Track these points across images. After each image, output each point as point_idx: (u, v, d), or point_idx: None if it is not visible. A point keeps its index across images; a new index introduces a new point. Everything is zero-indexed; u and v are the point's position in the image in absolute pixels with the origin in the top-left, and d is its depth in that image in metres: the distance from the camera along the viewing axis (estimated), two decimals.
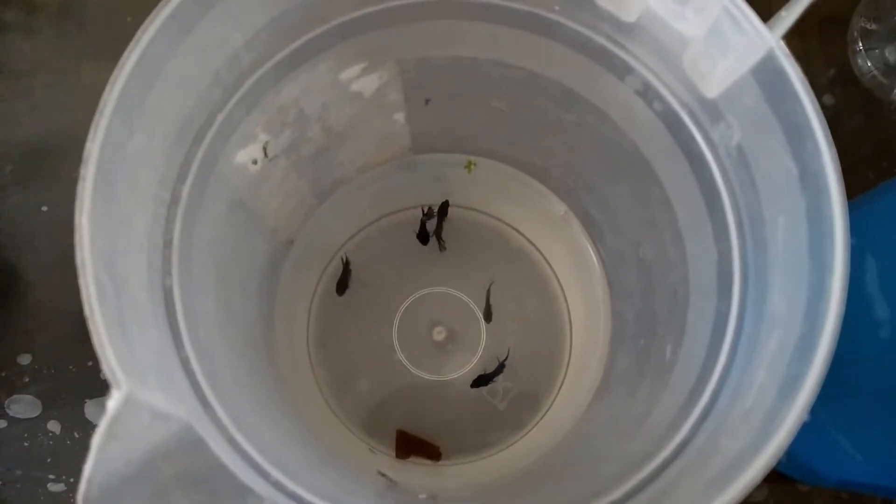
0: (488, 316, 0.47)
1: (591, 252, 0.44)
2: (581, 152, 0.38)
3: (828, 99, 0.59)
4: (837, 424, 0.37)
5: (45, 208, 0.51)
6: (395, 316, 0.47)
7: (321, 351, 0.46)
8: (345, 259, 0.47)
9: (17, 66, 0.52)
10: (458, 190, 0.47)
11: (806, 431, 0.41)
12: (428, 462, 0.44)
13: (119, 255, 0.23)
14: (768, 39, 0.25)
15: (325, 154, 0.38)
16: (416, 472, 0.43)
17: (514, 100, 0.38)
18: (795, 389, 0.20)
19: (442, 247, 0.48)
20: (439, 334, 0.47)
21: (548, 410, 0.46)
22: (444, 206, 0.47)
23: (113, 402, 0.20)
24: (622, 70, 0.31)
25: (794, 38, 0.63)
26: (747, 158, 0.27)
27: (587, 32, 0.31)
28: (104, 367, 0.21)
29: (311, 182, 0.40)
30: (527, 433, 0.46)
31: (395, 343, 0.47)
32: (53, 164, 0.52)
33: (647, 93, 0.31)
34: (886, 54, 0.59)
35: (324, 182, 0.41)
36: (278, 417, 0.34)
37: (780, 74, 0.24)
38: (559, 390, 0.46)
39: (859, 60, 0.59)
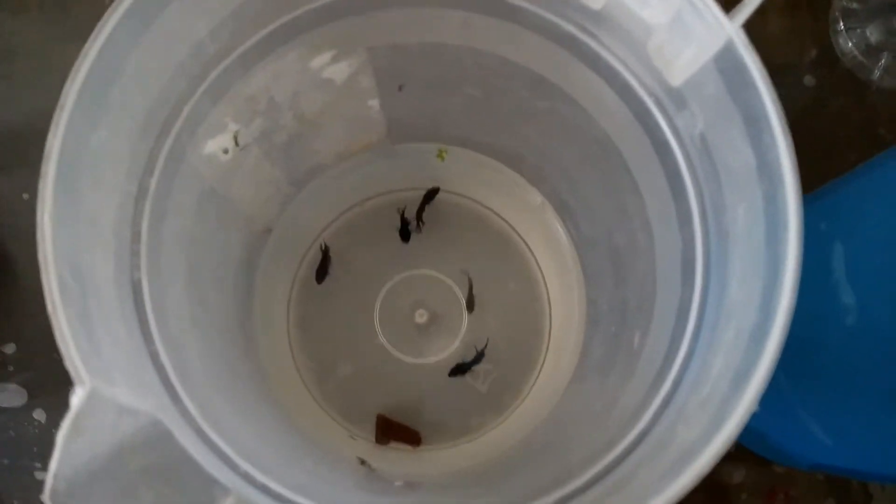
0: (471, 306, 0.47)
1: (566, 239, 0.44)
2: (554, 140, 0.38)
3: (809, 80, 0.59)
4: (808, 408, 0.38)
5: (26, 196, 0.51)
6: (376, 300, 0.48)
7: (302, 338, 0.47)
8: (323, 246, 0.47)
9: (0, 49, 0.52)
10: (437, 176, 0.47)
11: (778, 415, 0.42)
12: (408, 447, 0.45)
13: (84, 251, 0.23)
14: (728, 28, 0.25)
15: (299, 142, 0.38)
16: (397, 458, 0.44)
17: (487, 86, 0.38)
18: (746, 379, 0.21)
19: (419, 227, 0.48)
20: (421, 317, 0.47)
21: (527, 395, 0.46)
22: (432, 192, 0.47)
23: (76, 398, 0.21)
24: (591, 57, 0.31)
25: (776, 18, 0.63)
26: (710, 147, 0.28)
27: (555, 19, 0.31)
28: (67, 364, 0.21)
29: (285, 170, 0.40)
30: (507, 417, 0.46)
31: (377, 327, 0.48)
32: (35, 151, 0.51)
33: (614, 80, 0.31)
34: (868, 34, 0.59)
35: (299, 170, 0.41)
36: (255, 408, 0.34)
37: (740, 64, 0.25)
38: (538, 374, 0.46)
39: (840, 40, 0.59)
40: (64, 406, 0.48)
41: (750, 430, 0.47)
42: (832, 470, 0.44)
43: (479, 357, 0.46)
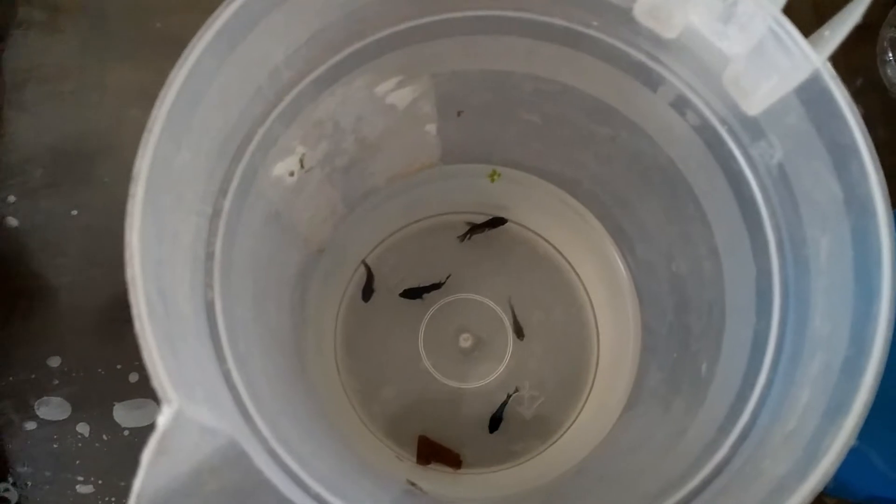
0: (520, 333, 0.47)
1: (621, 264, 0.44)
2: (613, 166, 0.38)
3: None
4: (870, 440, 0.37)
5: (74, 212, 0.51)
6: (421, 323, 0.48)
7: (348, 358, 0.47)
8: (367, 265, 0.47)
9: (42, 69, 0.53)
10: (488, 199, 0.47)
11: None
12: (449, 469, 0.44)
13: (166, 270, 0.23)
14: (814, 60, 0.25)
15: (358, 165, 0.39)
16: (438, 480, 0.43)
17: (546, 113, 0.38)
18: (842, 413, 0.20)
19: (466, 238, 0.48)
20: (465, 341, 0.47)
21: (574, 421, 0.46)
22: (497, 221, 0.47)
23: (163, 417, 0.20)
24: (658, 84, 0.31)
25: None
26: (789, 178, 0.27)
27: (625, 48, 0.31)
28: (154, 382, 0.21)
29: (343, 192, 0.40)
30: (552, 444, 0.46)
31: (421, 350, 0.47)
32: (82, 168, 0.52)
33: (684, 107, 0.31)
34: None
35: (355, 192, 0.41)
36: (312, 428, 0.34)
37: (826, 95, 0.24)
38: (586, 401, 0.46)
39: (889, 70, 0.58)
40: (108, 420, 0.49)
41: None
42: (890, 503, 0.43)
43: (506, 401, 0.46)
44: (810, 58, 0.24)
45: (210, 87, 0.25)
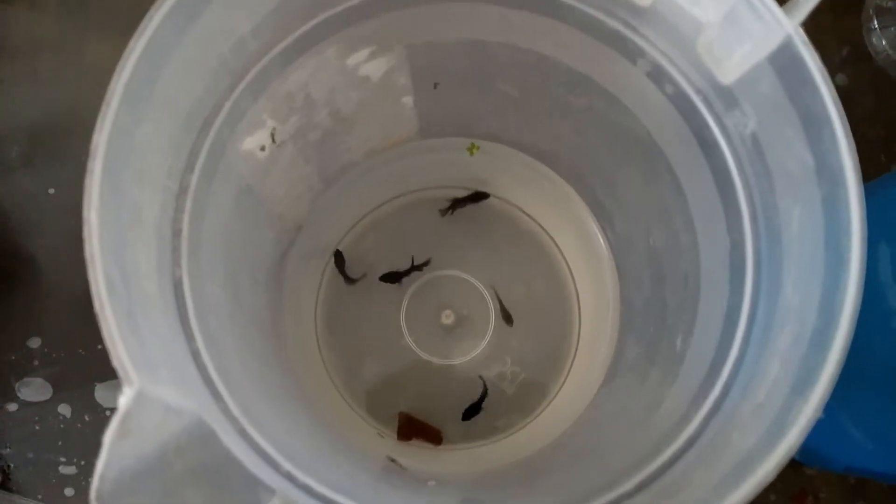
0: (508, 319, 0.47)
1: (600, 237, 0.43)
2: (591, 138, 0.38)
3: (840, 79, 0.58)
4: (847, 412, 0.37)
5: (52, 190, 0.51)
6: (402, 300, 0.47)
7: (329, 335, 0.46)
8: (338, 253, 0.46)
9: (21, 45, 0.52)
10: (467, 173, 0.46)
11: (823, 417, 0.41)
12: (430, 446, 0.44)
13: (128, 248, 0.23)
14: (786, 26, 0.24)
15: (333, 139, 0.38)
16: (419, 456, 0.43)
17: (523, 83, 0.37)
18: (810, 385, 0.20)
19: (448, 212, 0.47)
20: (448, 318, 0.47)
21: (556, 396, 0.46)
22: (479, 196, 0.47)
23: (124, 398, 0.20)
24: (635, 53, 0.31)
25: (808, 16, 0.62)
26: (762, 147, 0.27)
27: (600, 16, 0.30)
28: (114, 362, 0.21)
29: (318, 167, 0.39)
30: (534, 419, 0.46)
31: (403, 327, 0.47)
32: (59, 146, 0.51)
33: (660, 77, 0.31)
34: None
35: (331, 167, 0.41)
36: (288, 406, 0.34)
37: (798, 62, 0.24)
38: (567, 376, 0.46)
39: (874, 39, 0.58)
40: (89, 400, 0.48)
41: None
42: (868, 473, 0.44)
43: (486, 393, 0.46)
44: (782, 23, 0.24)
45: (170, 58, 0.25)
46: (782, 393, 0.22)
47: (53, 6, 0.52)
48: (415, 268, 0.47)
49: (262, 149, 0.33)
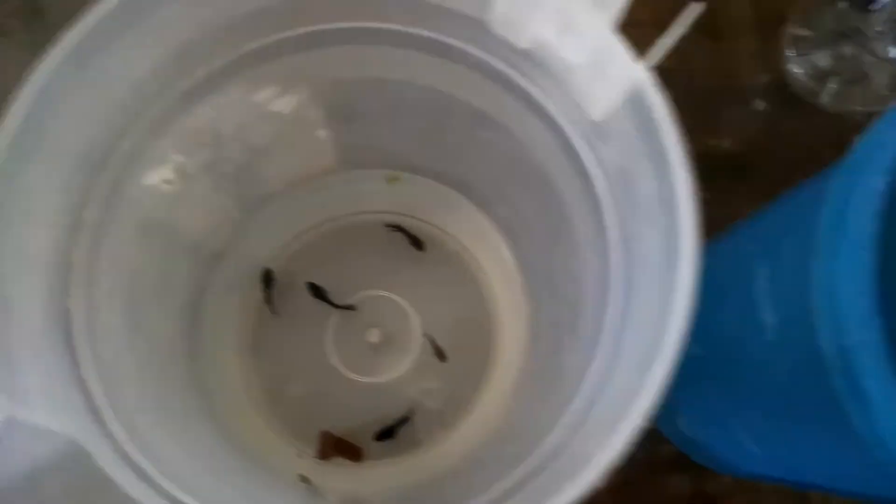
0: (441, 355, 0.48)
1: (512, 261, 0.45)
2: (496, 168, 0.40)
3: (759, 104, 0.61)
4: (737, 419, 0.39)
5: None
6: (328, 322, 0.49)
7: (255, 360, 0.47)
8: (266, 275, 0.48)
9: None
10: (389, 202, 0.48)
11: (713, 426, 0.43)
12: (350, 463, 0.45)
13: (9, 282, 0.24)
14: (637, 71, 0.26)
15: (249, 171, 0.40)
16: (342, 474, 0.44)
17: (430, 118, 0.39)
18: (636, 398, 0.22)
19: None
20: (374, 337, 0.48)
21: (476, 408, 0.47)
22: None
23: None
24: (518, 92, 0.33)
25: (729, 43, 0.64)
26: (627, 180, 0.29)
27: (486, 57, 0.32)
28: None
29: (236, 198, 0.41)
30: (456, 431, 0.47)
31: (330, 348, 0.48)
32: None
33: (542, 113, 0.33)
34: (816, 60, 0.61)
35: (250, 197, 0.42)
36: (197, 429, 0.35)
37: (648, 104, 0.26)
38: (486, 390, 0.47)
39: (791, 66, 0.61)
40: None
41: (691, 441, 0.47)
42: (767, 479, 0.45)
43: (405, 420, 0.47)
44: (633, 68, 0.26)
45: (58, 108, 0.26)
46: (621, 403, 0.23)
47: (20, 36, 0.52)
48: (338, 306, 0.48)
49: (169, 182, 0.34)
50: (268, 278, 0.48)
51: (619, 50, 0.27)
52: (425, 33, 0.32)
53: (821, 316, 0.27)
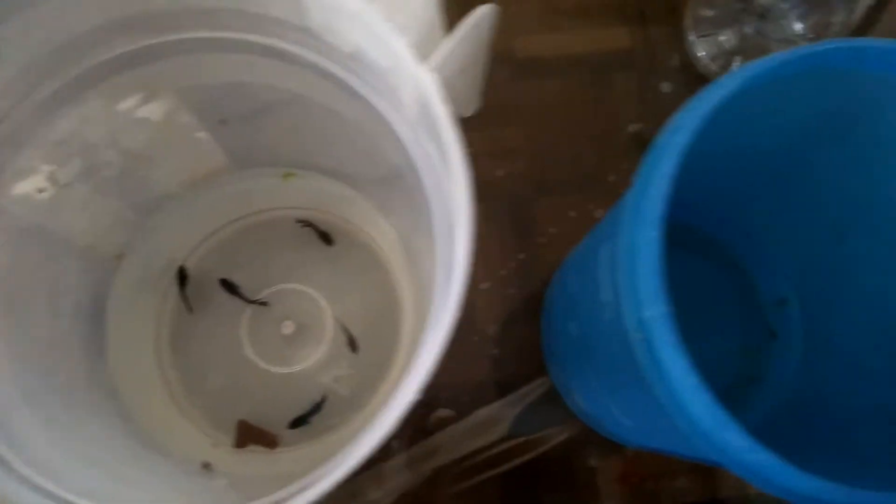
0: (353, 345, 0.51)
1: (399, 244, 0.47)
2: (362, 161, 0.42)
3: (666, 86, 0.63)
4: (610, 396, 0.41)
5: None
6: (242, 315, 0.51)
7: (172, 356, 0.50)
8: (180, 273, 0.50)
9: None
10: (286, 197, 0.50)
11: (596, 404, 0.45)
12: (265, 450, 0.48)
13: None
14: (423, 74, 0.28)
15: (133, 174, 0.42)
16: (258, 461, 0.47)
17: (293, 118, 0.41)
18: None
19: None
20: (288, 328, 0.51)
21: (381, 390, 0.49)
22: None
23: None
24: (355, 91, 0.35)
25: (641, 27, 0.66)
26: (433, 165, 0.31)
27: (322, 62, 0.34)
28: None
29: (124, 200, 0.43)
30: (362, 412, 0.49)
31: (245, 340, 0.51)
32: None
33: (372, 110, 0.34)
34: (720, 40, 0.62)
35: (143, 199, 0.45)
36: (98, 426, 0.37)
37: (430, 99, 0.28)
38: (392, 371, 0.49)
39: (694, 47, 0.62)
40: None
41: (589, 417, 0.49)
42: (647, 449, 0.47)
43: (318, 408, 0.49)
44: (420, 72, 0.28)
45: None
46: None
47: None
48: (251, 301, 0.51)
49: (42, 190, 0.36)
50: (182, 276, 0.50)
51: (407, 57, 0.28)
52: (264, 41, 0.34)
53: (625, 294, 0.29)
